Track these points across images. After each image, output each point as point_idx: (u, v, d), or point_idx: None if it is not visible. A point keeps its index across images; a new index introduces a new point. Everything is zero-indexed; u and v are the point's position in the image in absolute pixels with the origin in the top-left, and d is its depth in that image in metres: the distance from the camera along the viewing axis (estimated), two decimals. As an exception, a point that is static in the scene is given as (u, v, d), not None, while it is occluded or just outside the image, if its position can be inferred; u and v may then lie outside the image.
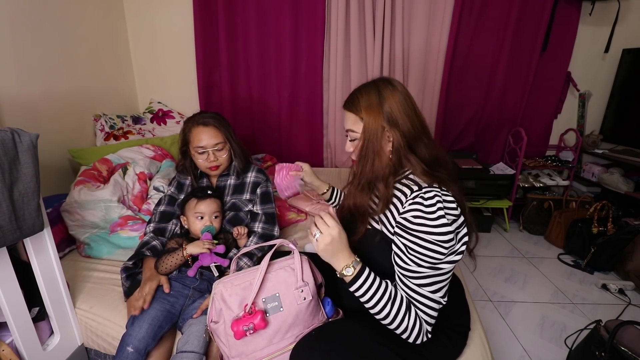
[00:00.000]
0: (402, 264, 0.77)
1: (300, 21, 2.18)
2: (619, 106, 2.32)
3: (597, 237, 2.01)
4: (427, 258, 0.73)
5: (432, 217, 0.72)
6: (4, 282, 0.88)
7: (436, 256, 0.73)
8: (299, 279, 0.87)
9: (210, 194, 1.20)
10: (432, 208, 0.73)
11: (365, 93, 0.82)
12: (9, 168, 0.81)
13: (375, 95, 0.80)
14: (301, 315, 0.86)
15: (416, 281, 0.76)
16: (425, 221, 0.73)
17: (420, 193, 0.76)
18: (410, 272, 0.76)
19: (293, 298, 0.86)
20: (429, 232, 0.72)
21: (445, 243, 0.72)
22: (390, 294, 0.77)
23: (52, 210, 1.40)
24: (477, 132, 2.46)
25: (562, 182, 2.46)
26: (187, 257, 1.10)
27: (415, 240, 0.74)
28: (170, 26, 2.28)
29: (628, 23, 2.23)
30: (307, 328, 0.86)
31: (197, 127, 1.22)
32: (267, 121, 2.43)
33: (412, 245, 0.74)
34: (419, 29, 2.15)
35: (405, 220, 0.76)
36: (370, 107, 0.80)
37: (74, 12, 1.82)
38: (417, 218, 0.74)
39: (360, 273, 0.76)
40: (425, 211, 0.73)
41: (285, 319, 0.85)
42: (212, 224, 1.17)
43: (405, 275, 0.77)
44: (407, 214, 0.76)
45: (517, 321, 1.61)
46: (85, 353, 1.18)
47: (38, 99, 1.62)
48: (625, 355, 1.11)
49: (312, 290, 0.87)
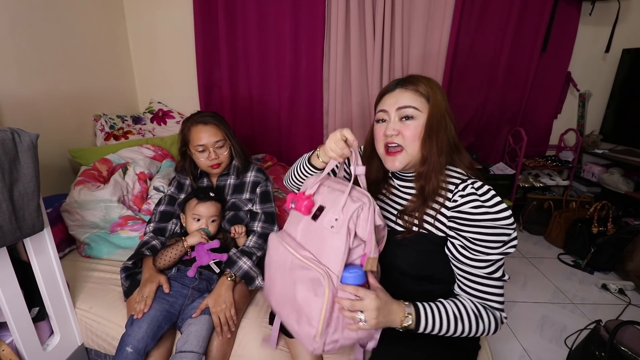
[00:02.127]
0: (471, 256, 0.75)
1: (300, 21, 2.18)
2: (619, 106, 2.32)
3: (597, 237, 2.00)
4: (495, 244, 0.73)
5: (491, 203, 0.73)
6: (4, 282, 0.88)
7: (503, 239, 0.73)
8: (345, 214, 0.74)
9: (212, 197, 1.20)
10: (488, 195, 0.74)
11: (422, 78, 0.82)
12: (9, 168, 0.81)
13: (434, 83, 0.82)
14: (318, 241, 0.77)
15: (485, 270, 0.75)
16: (487, 209, 0.72)
17: (467, 184, 0.76)
18: (480, 263, 0.75)
19: (328, 220, 0.76)
20: (494, 219, 0.72)
21: (511, 225, 0.73)
22: (455, 313, 0.75)
23: (52, 210, 1.40)
24: (477, 132, 2.46)
25: (562, 182, 2.46)
26: (187, 248, 1.11)
27: (481, 230, 0.73)
28: (170, 26, 2.28)
29: (628, 23, 2.23)
30: (316, 264, 0.74)
31: (197, 126, 1.22)
32: (267, 121, 2.43)
33: (478, 236, 0.73)
34: (419, 29, 2.15)
35: (464, 213, 0.74)
36: (436, 89, 0.81)
37: (74, 12, 1.82)
38: (477, 208, 0.73)
39: (418, 316, 0.73)
40: (482, 200, 0.73)
41: (309, 231, 0.80)
42: (207, 227, 1.17)
43: (474, 267, 0.76)
44: (464, 207, 0.74)
45: (517, 321, 1.61)
46: (85, 353, 1.18)
47: (38, 99, 1.62)
48: (625, 355, 1.11)
49: (345, 236, 0.72)
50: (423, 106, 0.80)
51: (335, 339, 0.73)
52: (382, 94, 0.86)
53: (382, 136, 0.83)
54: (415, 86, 0.81)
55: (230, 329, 1.02)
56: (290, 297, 0.79)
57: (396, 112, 0.81)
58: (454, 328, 0.74)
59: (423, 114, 0.79)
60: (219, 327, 1.00)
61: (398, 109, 0.80)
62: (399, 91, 0.82)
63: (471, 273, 0.76)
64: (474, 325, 0.74)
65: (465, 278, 0.77)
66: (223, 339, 1.01)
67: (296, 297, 0.77)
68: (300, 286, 0.76)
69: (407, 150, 0.80)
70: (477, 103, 2.35)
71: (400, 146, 0.81)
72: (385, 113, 0.83)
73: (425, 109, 0.79)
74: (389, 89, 0.85)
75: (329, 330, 0.73)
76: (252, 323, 1.09)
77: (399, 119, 0.81)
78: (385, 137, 0.82)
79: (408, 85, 0.81)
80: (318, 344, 0.73)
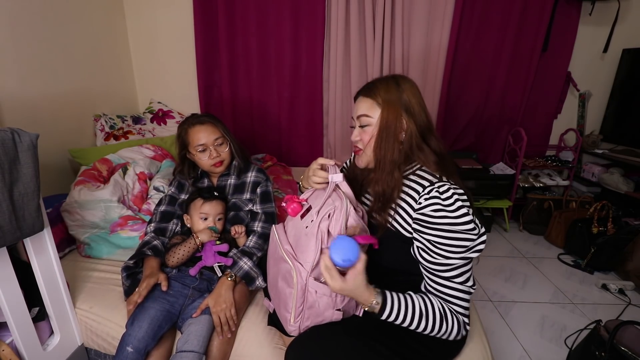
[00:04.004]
0: (431, 259, 0.77)
1: (300, 21, 2.18)
2: (619, 106, 2.32)
3: (597, 237, 2.00)
4: (455, 249, 0.74)
5: (452, 208, 0.74)
6: (4, 282, 0.88)
7: (465, 244, 0.74)
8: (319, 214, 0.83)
9: (217, 196, 1.21)
10: (450, 200, 0.74)
11: (383, 82, 0.86)
12: (9, 168, 0.81)
13: (394, 84, 0.84)
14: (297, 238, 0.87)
15: (446, 274, 0.77)
16: (447, 214, 0.74)
17: (434, 187, 0.77)
18: (440, 266, 0.76)
19: (306, 220, 0.86)
20: (453, 224, 0.73)
21: (471, 231, 0.74)
22: (422, 309, 0.76)
23: (52, 210, 1.40)
24: (477, 132, 2.46)
25: (562, 182, 2.46)
26: (199, 244, 1.13)
27: (440, 233, 0.75)
28: (170, 26, 2.28)
29: (628, 23, 2.23)
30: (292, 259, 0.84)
31: (194, 127, 1.23)
32: (267, 121, 2.43)
33: (438, 240, 0.75)
34: (419, 29, 2.15)
35: (425, 216, 0.76)
36: (389, 94, 0.83)
37: (74, 12, 1.82)
38: (437, 212, 0.75)
39: (384, 306, 0.75)
40: (443, 204, 0.74)
41: (295, 227, 0.90)
42: (215, 225, 1.19)
43: (434, 270, 0.77)
44: (426, 209, 0.76)
45: (517, 321, 1.61)
46: (85, 353, 1.18)
47: (38, 99, 1.62)
48: (625, 355, 1.11)
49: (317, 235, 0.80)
50: (376, 113, 0.84)
51: (307, 325, 0.84)
52: (354, 100, 0.93)
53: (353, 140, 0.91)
54: (370, 93, 0.85)
55: (230, 328, 1.02)
56: (274, 284, 0.92)
57: (357, 120, 0.88)
58: (417, 323, 0.76)
59: (375, 120, 0.84)
60: (219, 327, 1.00)
61: (357, 117, 0.88)
62: (359, 99, 0.89)
63: (433, 274, 0.78)
64: (437, 325, 0.76)
65: (429, 278, 0.80)
66: (223, 338, 1.01)
67: (277, 284, 0.89)
68: (280, 276, 0.87)
69: (366, 152, 0.88)
70: (477, 103, 2.35)
71: (359, 148, 0.90)
72: (353, 120, 0.91)
73: (378, 115, 0.84)
74: (355, 96, 0.92)
75: (302, 318, 0.84)
76: (252, 323, 1.09)
77: (359, 126, 0.88)
78: (353, 141, 0.91)
79: (366, 93, 0.87)
80: (294, 328, 0.85)
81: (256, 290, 1.20)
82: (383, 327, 0.81)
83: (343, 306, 0.83)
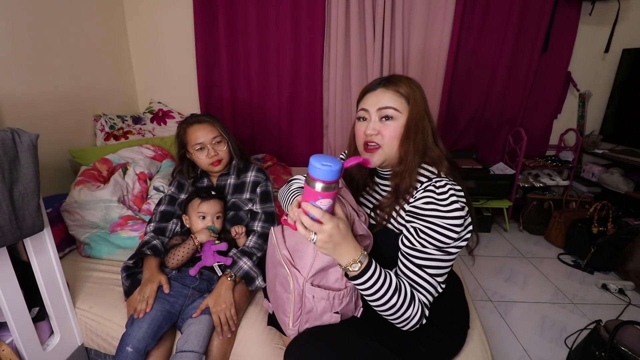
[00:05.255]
0: (409, 244, 0.77)
1: (300, 21, 2.18)
2: (619, 106, 2.32)
3: (597, 237, 2.00)
4: (436, 241, 0.74)
5: (445, 202, 0.74)
6: (4, 282, 0.88)
7: (446, 240, 0.74)
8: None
9: (214, 195, 1.21)
10: (445, 195, 0.75)
11: (404, 78, 0.84)
12: (9, 168, 0.81)
13: (414, 82, 0.84)
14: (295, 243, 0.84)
15: (419, 261, 0.76)
16: (437, 206, 0.74)
17: (431, 183, 0.78)
18: (415, 252, 0.76)
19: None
20: (441, 217, 0.74)
21: (457, 227, 0.74)
22: (397, 287, 0.74)
23: (52, 210, 1.40)
24: (477, 132, 2.46)
25: (562, 182, 2.46)
26: (197, 245, 1.13)
27: (426, 224, 0.75)
28: (170, 26, 2.28)
29: (628, 23, 2.23)
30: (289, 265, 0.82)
31: (192, 126, 1.24)
32: (267, 121, 2.43)
33: (423, 229, 0.75)
34: (419, 30, 2.15)
35: (416, 208, 0.77)
36: (414, 91, 0.82)
37: (74, 12, 1.82)
38: (428, 204, 0.75)
39: (366, 269, 0.71)
40: (436, 198, 0.75)
41: (292, 232, 0.85)
42: (214, 224, 1.18)
43: (409, 255, 0.77)
44: (418, 202, 0.77)
45: (517, 321, 1.61)
46: (85, 353, 1.18)
47: (38, 99, 1.62)
48: (625, 355, 1.11)
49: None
50: (403, 107, 0.81)
51: (306, 328, 0.84)
52: (364, 93, 0.87)
53: (363, 135, 0.85)
54: (396, 87, 0.82)
55: (230, 328, 1.02)
56: (273, 287, 0.92)
57: (377, 112, 0.82)
58: (388, 299, 0.73)
59: (403, 115, 0.81)
60: (219, 327, 1.00)
61: (379, 109, 0.82)
62: (380, 91, 0.83)
63: (407, 259, 0.78)
64: (405, 307, 0.74)
65: (402, 262, 0.79)
66: (223, 338, 1.01)
67: (276, 288, 0.89)
68: (278, 280, 0.87)
69: (385, 149, 0.82)
70: (478, 103, 2.35)
71: (378, 145, 0.83)
72: (366, 112, 0.84)
73: (405, 110, 0.81)
74: (371, 87, 0.86)
75: (300, 322, 0.83)
76: (252, 323, 1.09)
77: (379, 119, 0.83)
78: (365, 135, 0.84)
79: (389, 86, 0.83)
80: (293, 331, 0.84)
81: (256, 290, 1.20)
82: (382, 327, 0.81)
83: (341, 309, 0.82)
